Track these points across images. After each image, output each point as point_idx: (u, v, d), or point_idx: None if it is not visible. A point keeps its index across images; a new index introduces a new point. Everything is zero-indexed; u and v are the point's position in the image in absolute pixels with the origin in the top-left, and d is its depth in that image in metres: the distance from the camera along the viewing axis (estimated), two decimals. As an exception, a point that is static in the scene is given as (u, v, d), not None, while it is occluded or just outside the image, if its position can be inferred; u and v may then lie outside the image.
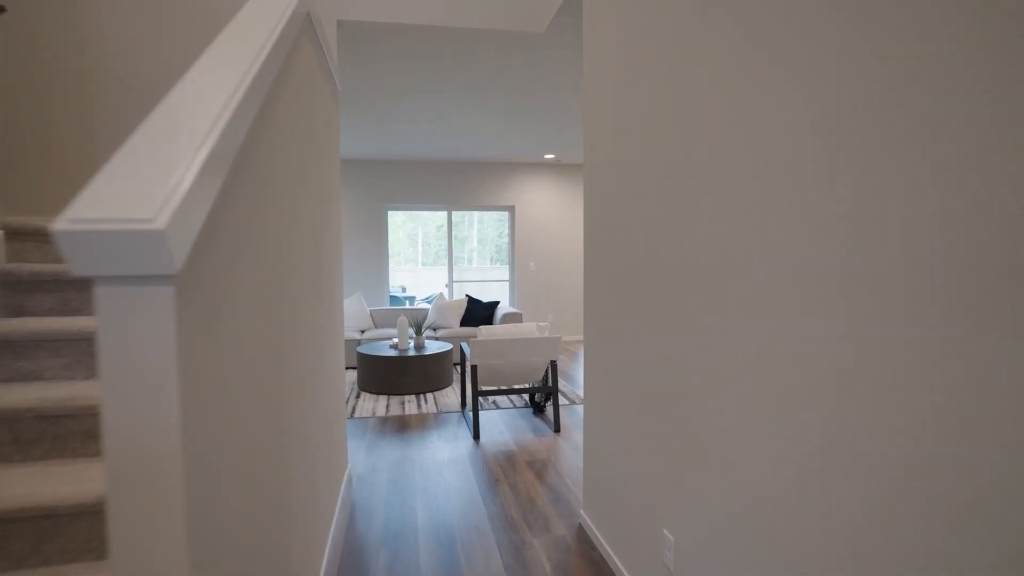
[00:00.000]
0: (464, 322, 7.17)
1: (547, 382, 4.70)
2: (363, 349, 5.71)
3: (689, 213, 1.69)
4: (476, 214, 11.49)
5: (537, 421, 4.62)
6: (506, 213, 8.79)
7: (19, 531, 1.27)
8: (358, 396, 5.42)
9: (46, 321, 1.68)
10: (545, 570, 2.46)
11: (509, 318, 6.94)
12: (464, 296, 7.38)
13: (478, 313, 7.18)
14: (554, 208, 8.63)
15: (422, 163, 8.11)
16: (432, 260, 13.41)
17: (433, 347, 5.83)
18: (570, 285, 8.75)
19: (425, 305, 10.69)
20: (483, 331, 4.34)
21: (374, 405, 5.10)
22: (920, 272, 0.97)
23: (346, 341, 6.57)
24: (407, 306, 10.17)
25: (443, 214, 8.54)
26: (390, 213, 8.87)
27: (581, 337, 8.87)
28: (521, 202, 8.51)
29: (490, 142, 6.67)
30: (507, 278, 8.87)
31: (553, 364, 4.38)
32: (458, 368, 6.77)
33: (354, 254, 7.96)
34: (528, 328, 4.43)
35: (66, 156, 2.69)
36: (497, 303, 7.29)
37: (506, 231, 12.14)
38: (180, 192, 0.79)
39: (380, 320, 7.19)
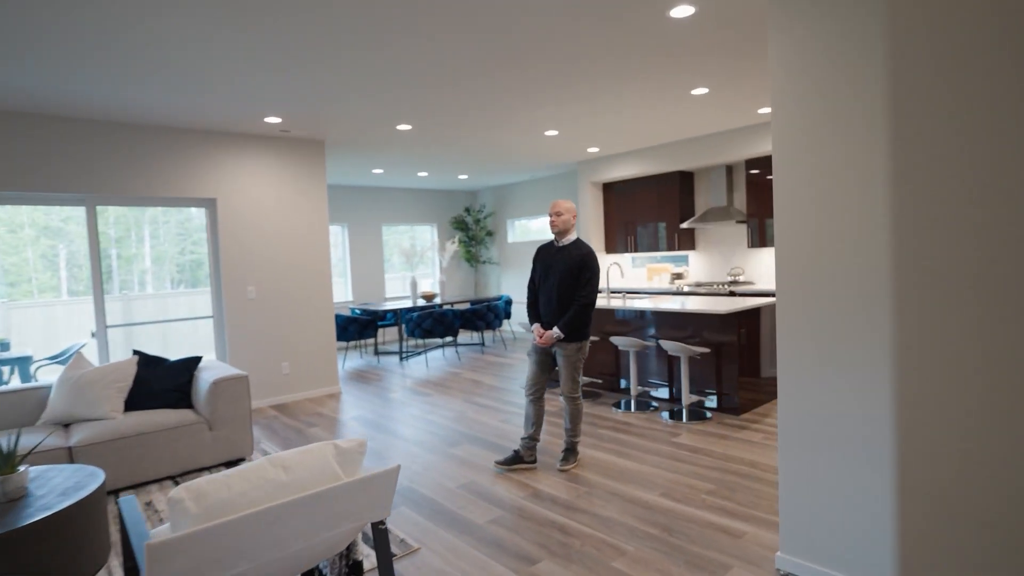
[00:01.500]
0: (133, 404, 3.92)
1: (350, 558, 2.14)
2: None
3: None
4: (146, 220, 7.73)
5: (339, 652, 2.04)
6: (201, 211, 5.61)
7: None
8: None
9: None
10: None
11: (227, 389, 3.97)
12: (132, 355, 4.12)
13: (159, 385, 4.01)
14: (281, 203, 5.80)
15: (34, 117, 4.47)
16: (85, 288, 8.97)
17: (53, 492, 2.63)
18: (309, 315, 6.01)
19: (51, 371, 6.31)
20: (204, 486, 1.59)
21: None
22: None
23: None
24: None
25: (82, 213, 4.97)
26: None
27: (332, 390, 6.18)
28: (227, 194, 5.47)
29: (166, 85, 3.66)
30: (208, 313, 5.68)
31: (381, 531, 1.88)
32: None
33: None
34: (318, 456, 1.82)
35: None
36: (198, 361, 4.22)
37: (191, 244, 8.58)
38: None
39: (-72, 425, 3.47)
